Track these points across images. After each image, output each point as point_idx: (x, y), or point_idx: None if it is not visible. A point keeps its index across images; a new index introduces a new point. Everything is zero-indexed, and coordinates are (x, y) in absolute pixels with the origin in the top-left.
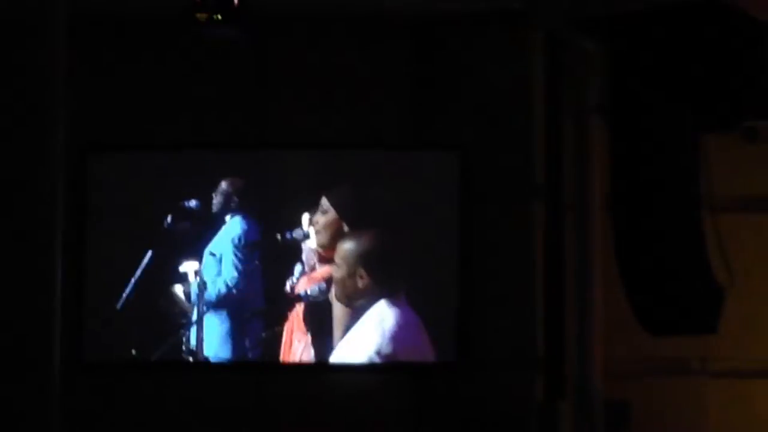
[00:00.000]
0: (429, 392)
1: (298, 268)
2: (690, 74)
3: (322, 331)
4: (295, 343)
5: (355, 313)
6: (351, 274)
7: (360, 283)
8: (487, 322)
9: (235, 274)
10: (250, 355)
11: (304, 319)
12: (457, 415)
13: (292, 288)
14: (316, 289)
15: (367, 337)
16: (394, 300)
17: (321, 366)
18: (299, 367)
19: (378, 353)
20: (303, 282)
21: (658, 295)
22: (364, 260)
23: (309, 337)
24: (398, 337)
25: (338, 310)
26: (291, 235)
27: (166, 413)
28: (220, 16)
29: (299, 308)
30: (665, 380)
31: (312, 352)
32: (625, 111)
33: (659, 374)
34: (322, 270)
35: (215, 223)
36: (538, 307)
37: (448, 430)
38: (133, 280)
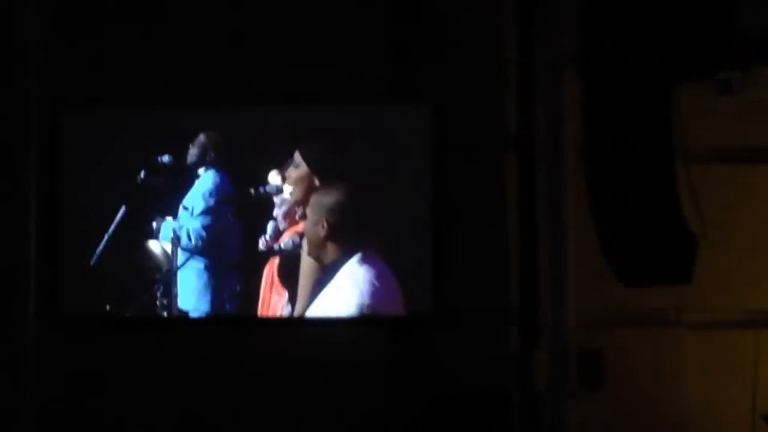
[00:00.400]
0: (404, 345)
1: (271, 222)
2: (662, 24)
3: (296, 286)
4: (271, 297)
5: (326, 269)
6: (315, 224)
7: (321, 233)
8: (461, 274)
9: (209, 228)
10: (227, 309)
11: (279, 273)
12: (432, 366)
13: (267, 242)
14: (290, 243)
15: (340, 292)
16: (366, 255)
17: (296, 320)
18: (274, 322)
19: (352, 308)
20: (276, 236)
21: (631, 245)
22: (332, 213)
23: (284, 291)
24: (372, 291)
25: (307, 264)
26: (264, 189)
27: (141, 367)
28: None
29: (274, 262)
30: (640, 331)
31: (287, 306)
32: (598, 62)
33: (634, 325)
34: (294, 224)
35: (189, 178)
36: (512, 258)
37: (423, 381)
38: (106, 236)
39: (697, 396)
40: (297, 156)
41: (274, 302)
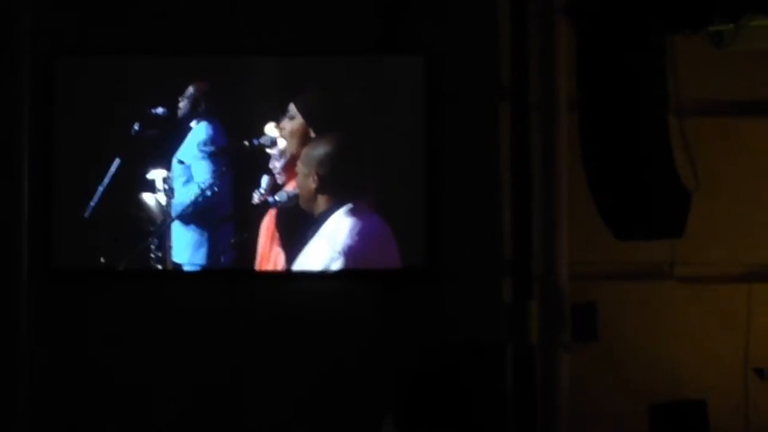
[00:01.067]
0: (397, 298)
1: (266, 176)
2: None
3: (290, 239)
4: (271, 250)
5: (316, 221)
6: (305, 177)
7: (312, 185)
8: (454, 226)
9: (204, 180)
10: (221, 261)
11: (275, 226)
12: (426, 318)
13: (261, 194)
14: (285, 195)
15: (323, 242)
16: (357, 206)
17: (287, 274)
18: (267, 275)
19: (341, 260)
20: (274, 189)
21: (624, 198)
22: (322, 164)
23: (278, 244)
24: (364, 243)
25: (302, 216)
26: (258, 141)
27: (135, 320)
28: None
29: (269, 215)
30: (633, 284)
31: (282, 258)
32: (591, 11)
33: (627, 278)
34: (289, 176)
35: (183, 130)
36: (505, 210)
37: (417, 334)
38: (101, 188)
39: (690, 349)
40: (292, 107)
41: (274, 255)
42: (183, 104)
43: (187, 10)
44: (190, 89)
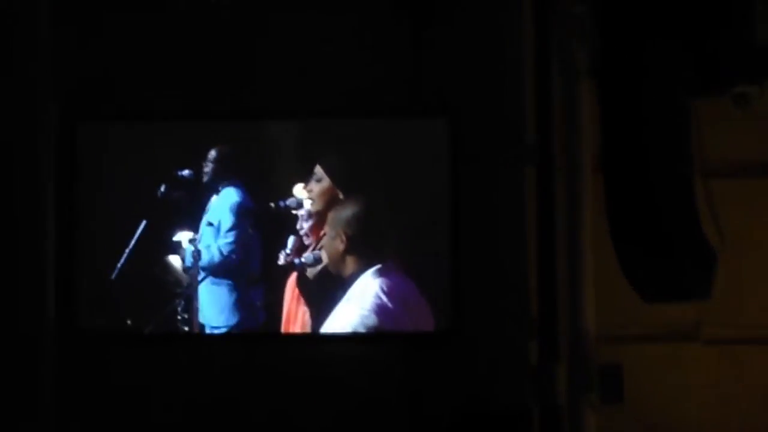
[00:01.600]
0: (422, 360)
1: (292, 237)
2: (680, 37)
3: (318, 300)
4: (297, 311)
5: (346, 282)
6: (333, 238)
7: (341, 246)
8: (480, 288)
9: (230, 243)
10: (248, 323)
11: (300, 288)
12: (451, 381)
13: (287, 256)
14: (311, 257)
15: (358, 307)
16: (386, 267)
17: (314, 336)
18: (294, 337)
19: (365, 321)
20: (297, 250)
21: (650, 259)
22: (350, 225)
23: (304, 307)
24: (392, 304)
25: (330, 279)
26: (284, 203)
27: (160, 382)
28: None
29: (294, 277)
30: (658, 345)
31: (308, 321)
32: (615, 73)
33: (653, 340)
34: (316, 237)
35: (209, 192)
36: (531, 272)
37: (442, 397)
38: (127, 250)
39: (716, 412)
40: (318, 169)
41: (300, 316)
42: (208, 167)
43: (210, 74)
44: (215, 152)
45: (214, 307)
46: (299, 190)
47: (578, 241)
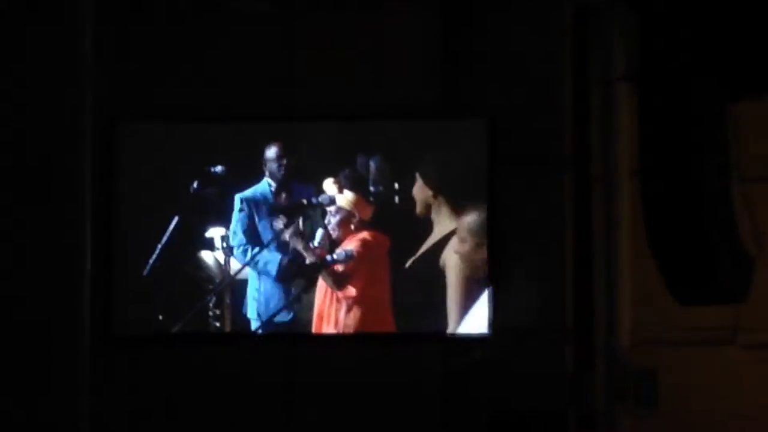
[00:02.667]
0: (458, 365)
1: (320, 230)
2: (721, 44)
3: (350, 298)
4: (323, 307)
5: None
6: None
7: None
8: (516, 293)
9: (263, 239)
10: (280, 319)
11: (333, 284)
12: (488, 387)
13: (319, 254)
14: (343, 254)
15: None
16: None
17: (347, 336)
18: (327, 337)
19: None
20: (329, 248)
21: (687, 263)
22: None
23: (337, 304)
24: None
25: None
26: (317, 200)
27: (193, 381)
28: None
29: (326, 274)
30: (695, 350)
31: (342, 319)
32: (654, 79)
33: (689, 344)
34: (349, 234)
35: (242, 189)
36: (567, 278)
37: (479, 402)
38: (159, 246)
39: (752, 417)
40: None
41: (333, 314)
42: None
43: (247, 74)
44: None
45: (246, 303)
46: (329, 185)
47: (615, 246)
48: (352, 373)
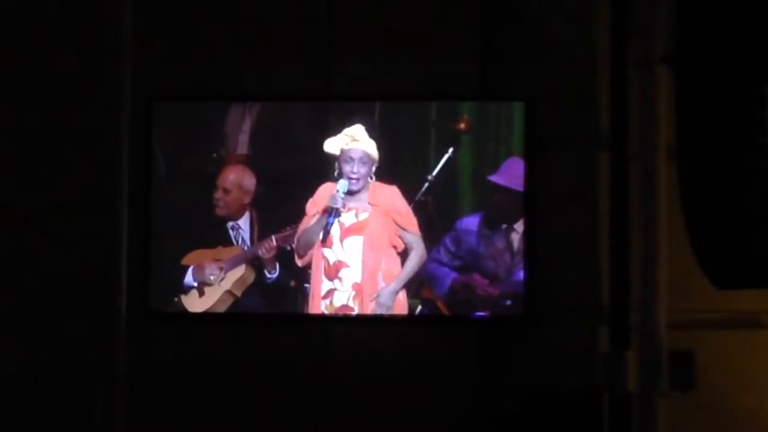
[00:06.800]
0: (494, 344)
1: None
2: (755, 22)
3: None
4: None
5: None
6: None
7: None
8: (552, 273)
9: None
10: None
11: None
12: (523, 366)
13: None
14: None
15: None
16: None
17: (380, 318)
18: (362, 318)
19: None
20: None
21: (723, 247)
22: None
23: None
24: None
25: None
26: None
27: (230, 359)
28: None
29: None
30: (731, 332)
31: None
32: (692, 61)
33: (725, 327)
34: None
35: None
36: (604, 258)
37: (513, 381)
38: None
39: None
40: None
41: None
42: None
43: (284, 55)
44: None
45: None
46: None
47: (652, 227)
48: (386, 352)
